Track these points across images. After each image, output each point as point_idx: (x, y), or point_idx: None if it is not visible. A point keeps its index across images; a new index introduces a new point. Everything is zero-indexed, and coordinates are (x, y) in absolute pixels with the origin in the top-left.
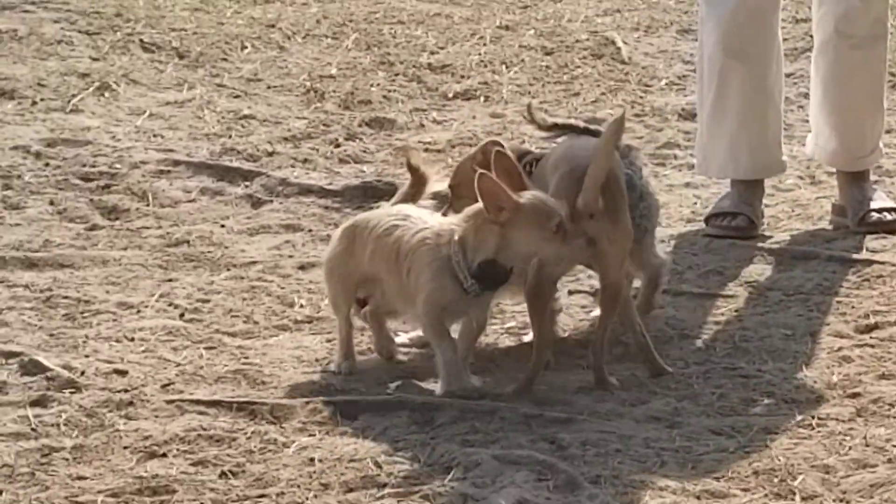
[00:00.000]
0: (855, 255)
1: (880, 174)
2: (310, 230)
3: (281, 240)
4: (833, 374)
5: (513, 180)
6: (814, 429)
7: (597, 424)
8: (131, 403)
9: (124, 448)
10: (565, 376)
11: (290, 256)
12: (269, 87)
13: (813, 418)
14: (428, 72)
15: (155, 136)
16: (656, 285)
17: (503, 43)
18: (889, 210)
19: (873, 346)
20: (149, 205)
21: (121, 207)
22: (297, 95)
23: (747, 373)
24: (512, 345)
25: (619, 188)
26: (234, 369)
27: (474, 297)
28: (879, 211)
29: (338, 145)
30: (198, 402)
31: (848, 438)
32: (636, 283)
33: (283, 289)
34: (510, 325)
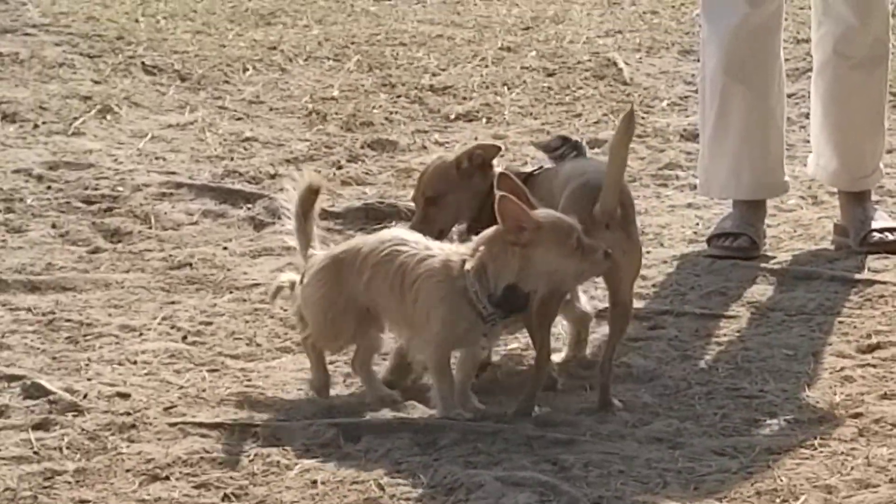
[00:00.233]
0: (857, 276)
1: (882, 194)
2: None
3: (283, 262)
4: (835, 394)
5: (521, 200)
6: (816, 449)
7: (599, 445)
8: (134, 426)
9: (127, 471)
10: (567, 397)
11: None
12: (271, 110)
13: (815, 438)
14: (430, 93)
15: (157, 158)
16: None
17: (505, 64)
18: (891, 230)
19: (875, 366)
20: (151, 227)
21: (123, 230)
22: (298, 117)
23: (750, 393)
24: (514, 366)
25: (630, 201)
26: (237, 392)
27: (491, 325)
28: (881, 231)
29: (340, 167)
30: (200, 424)
31: (850, 458)
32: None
33: (285, 311)
34: (513, 346)
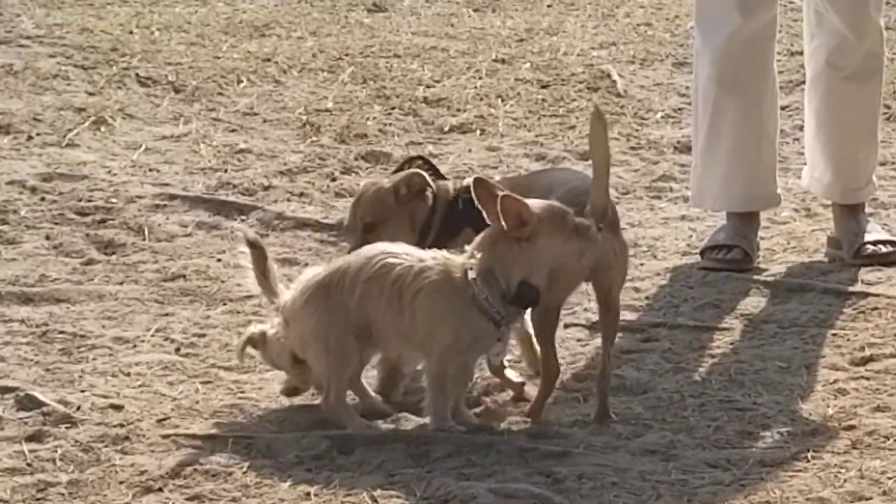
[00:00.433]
0: (850, 288)
1: (875, 206)
2: (306, 264)
3: (277, 274)
4: (828, 406)
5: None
6: (809, 461)
7: (592, 457)
8: (127, 438)
9: (120, 483)
10: (561, 409)
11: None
12: (265, 121)
13: (808, 451)
14: (424, 105)
15: (151, 170)
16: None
17: (499, 76)
18: (884, 242)
19: (869, 378)
20: (145, 239)
21: (117, 242)
22: (293, 129)
23: (743, 405)
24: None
25: (613, 206)
26: (230, 404)
27: (504, 328)
28: (875, 243)
29: (334, 179)
30: (194, 436)
31: (843, 471)
32: None
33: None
34: (507, 358)
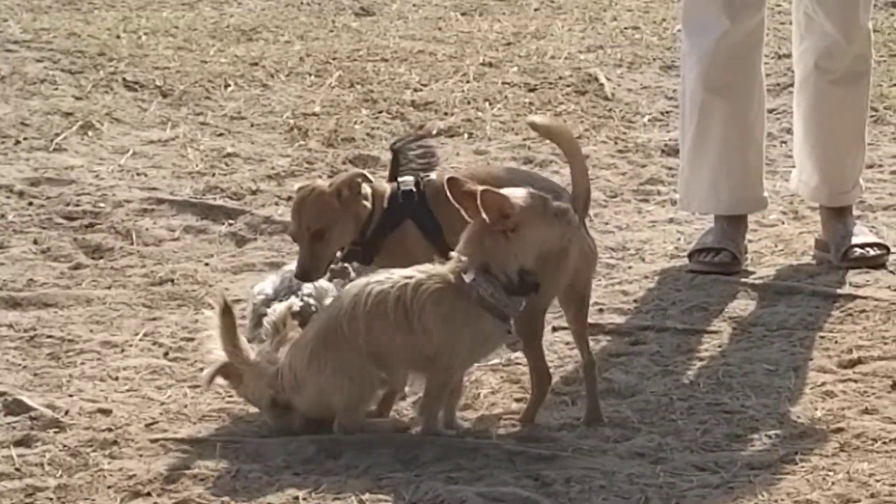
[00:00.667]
0: (838, 290)
1: (863, 209)
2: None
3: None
4: (816, 409)
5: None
6: (797, 464)
7: (581, 461)
8: (115, 443)
9: (108, 488)
10: (549, 413)
11: None
12: (252, 125)
13: (796, 453)
14: (411, 109)
15: (138, 174)
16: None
17: (486, 80)
18: (871, 245)
19: (856, 381)
20: (133, 243)
21: (105, 246)
22: (280, 133)
23: (731, 408)
24: (494, 382)
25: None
26: (218, 408)
27: (513, 318)
28: (862, 246)
29: None
30: (182, 440)
31: (831, 474)
32: None
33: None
34: (494, 361)
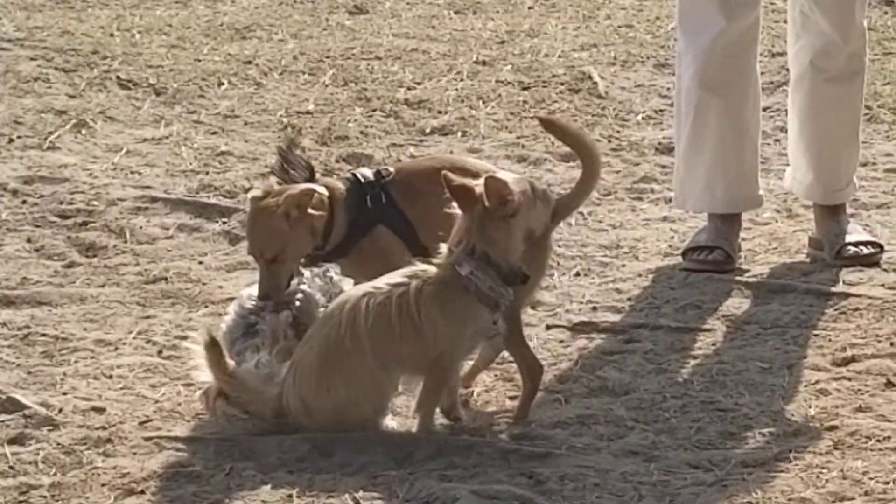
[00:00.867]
0: (832, 289)
1: (856, 207)
2: None
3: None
4: (810, 407)
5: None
6: (791, 462)
7: (574, 459)
8: (109, 441)
9: (102, 485)
10: (542, 411)
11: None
12: (246, 124)
13: (790, 451)
14: (405, 107)
15: (132, 172)
16: None
17: (480, 78)
18: (865, 243)
19: (850, 379)
20: (126, 242)
21: (98, 244)
22: (273, 131)
23: (725, 406)
24: (488, 380)
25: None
26: None
27: (504, 305)
28: (856, 244)
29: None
30: (176, 438)
31: (825, 471)
32: None
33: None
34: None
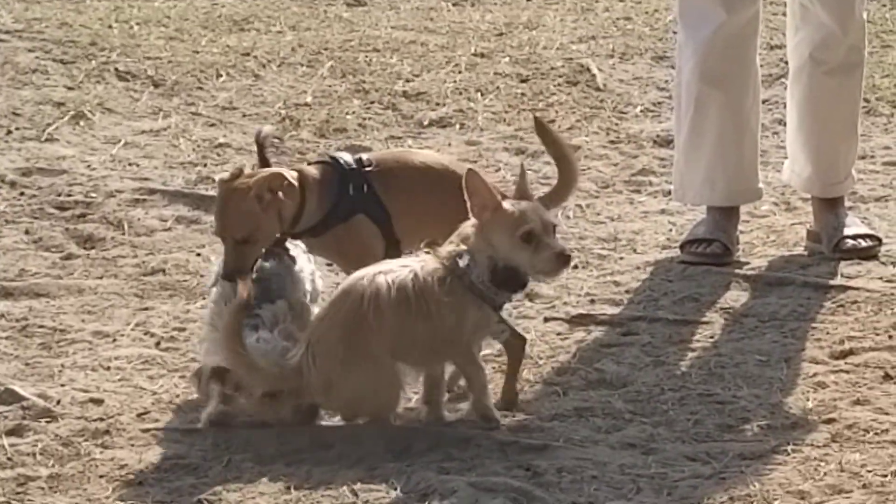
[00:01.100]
0: (830, 282)
1: (854, 200)
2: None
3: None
4: (808, 399)
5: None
6: (789, 455)
7: (572, 451)
8: (107, 432)
9: (100, 477)
10: (540, 403)
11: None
12: (244, 116)
13: (788, 444)
14: (403, 99)
15: (130, 164)
16: None
17: (478, 70)
18: (863, 236)
19: (848, 371)
20: (124, 234)
21: (96, 236)
22: (272, 123)
23: (723, 399)
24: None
25: None
26: None
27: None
28: (854, 237)
29: None
30: (174, 430)
31: (823, 464)
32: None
33: None
34: (486, 352)
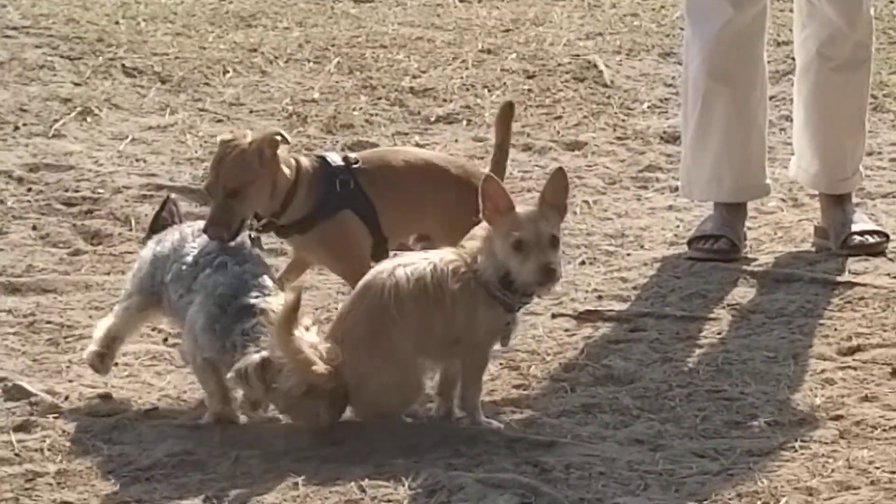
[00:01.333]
0: (837, 278)
1: (862, 196)
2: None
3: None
4: (816, 396)
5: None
6: (797, 451)
7: (580, 448)
8: (115, 428)
9: (108, 473)
10: (548, 399)
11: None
12: (251, 112)
13: (796, 441)
14: (410, 96)
15: (137, 160)
16: None
17: (485, 66)
18: (871, 233)
19: (856, 368)
20: (131, 229)
21: (104, 232)
22: (279, 120)
23: (730, 395)
24: (493, 369)
25: None
26: None
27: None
28: (861, 233)
29: None
30: (181, 426)
31: (831, 461)
32: None
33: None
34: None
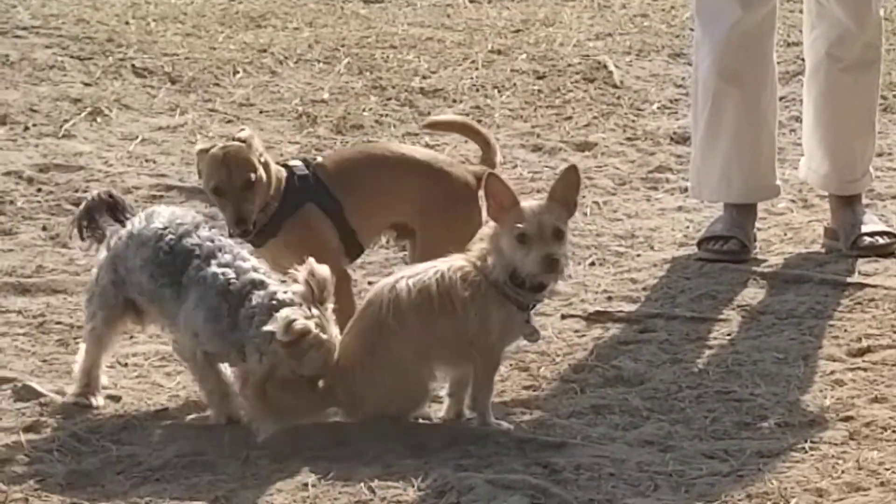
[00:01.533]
0: (847, 279)
1: (872, 197)
2: None
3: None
4: (826, 397)
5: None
6: (807, 452)
7: (590, 449)
8: (124, 429)
9: (118, 473)
10: (558, 400)
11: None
12: (261, 112)
13: (806, 442)
14: (420, 96)
15: (147, 161)
16: None
17: (495, 67)
18: (881, 234)
19: (866, 369)
20: None
21: None
22: (289, 120)
23: (740, 396)
24: (503, 370)
25: None
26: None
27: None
28: (871, 235)
29: None
30: (191, 427)
31: (841, 462)
32: None
33: None
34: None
